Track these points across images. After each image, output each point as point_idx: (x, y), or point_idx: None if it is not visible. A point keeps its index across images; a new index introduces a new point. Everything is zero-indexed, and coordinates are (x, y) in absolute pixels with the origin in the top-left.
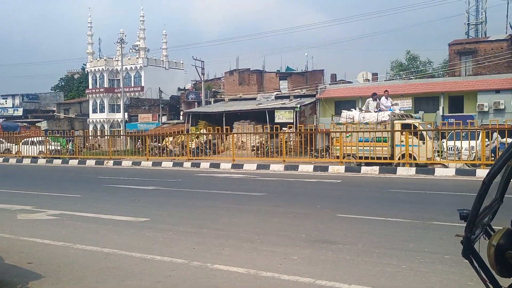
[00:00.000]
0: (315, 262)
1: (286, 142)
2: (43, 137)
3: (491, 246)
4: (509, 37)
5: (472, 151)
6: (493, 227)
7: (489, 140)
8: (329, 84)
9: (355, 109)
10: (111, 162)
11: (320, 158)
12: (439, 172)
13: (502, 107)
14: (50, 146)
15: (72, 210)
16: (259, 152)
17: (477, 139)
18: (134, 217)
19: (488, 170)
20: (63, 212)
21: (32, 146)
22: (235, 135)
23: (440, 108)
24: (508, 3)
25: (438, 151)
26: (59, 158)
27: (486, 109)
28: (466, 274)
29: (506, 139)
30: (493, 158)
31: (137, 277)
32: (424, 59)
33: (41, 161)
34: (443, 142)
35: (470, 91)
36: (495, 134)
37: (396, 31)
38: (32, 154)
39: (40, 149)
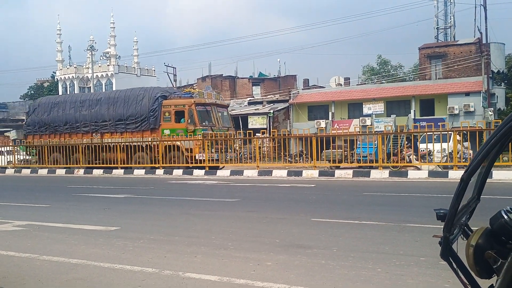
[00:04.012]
0: (290, 267)
1: (259, 147)
2: (11, 147)
3: (470, 246)
4: (477, 40)
5: (444, 153)
6: (471, 227)
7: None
8: (302, 89)
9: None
10: (81, 170)
11: (294, 163)
12: (412, 174)
13: (472, 109)
14: (19, 155)
15: (40, 221)
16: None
17: (449, 141)
18: (104, 226)
19: (464, 169)
20: (30, 222)
21: (0, 156)
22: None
23: (412, 111)
24: (475, 7)
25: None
26: (28, 167)
27: (456, 112)
28: (443, 276)
29: (461, 143)
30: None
31: None
32: (395, 63)
33: (10, 171)
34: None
35: (440, 94)
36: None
37: (367, 36)
38: (0, 164)
39: (9, 159)
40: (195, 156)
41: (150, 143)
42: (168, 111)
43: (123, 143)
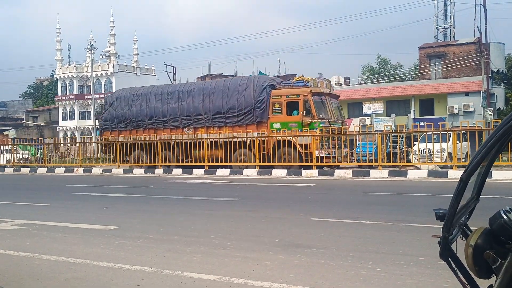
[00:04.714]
0: (289, 267)
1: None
2: (10, 145)
3: (469, 246)
4: (477, 40)
5: (444, 153)
6: (470, 227)
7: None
8: None
9: None
10: (81, 169)
11: (294, 162)
12: (412, 174)
13: (471, 109)
14: (18, 154)
15: (39, 220)
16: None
17: (448, 141)
18: (103, 226)
19: (464, 169)
20: (29, 221)
21: (0, 155)
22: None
23: (411, 111)
24: (475, 7)
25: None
26: (27, 166)
27: (456, 112)
28: (442, 276)
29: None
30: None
31: None
32: (395, 63)
33: (9, 170)
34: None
35: (440, 94)
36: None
37: (367, 35)
38: (0, 163)
39: (8, 158)
40: (308, 153)
41: (256, 138)
42: (279, 102)
43: (224, 139)
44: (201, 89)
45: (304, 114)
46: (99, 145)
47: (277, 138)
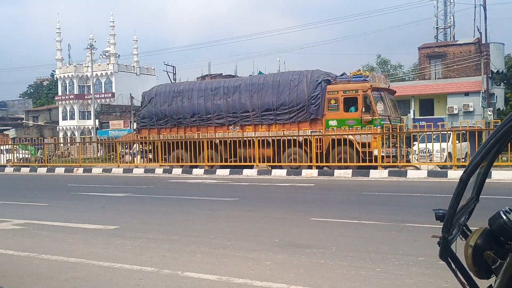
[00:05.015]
0: (289, 267)
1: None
2: (10, 145)
3: (469, 246)
4: (477, 40)
5: (443, 153)
6: (469, 227)
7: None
8: None
9: None
10: (81, 169)
11: (294, 162)
12: (411, 174)
13: (471, 109)
14: (18, 154)
15: (39, 219)
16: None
17: (448, 141)
18: (103, 225)
19: (464, 169)
20: (29, 221)
21: (0, 154)
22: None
23: (411, 111)
24: (475, 7)
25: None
26: (27, 166)
27: (456, 112)
28: (441, 276)
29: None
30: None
31: (104, 287)
32: (395, 63)
33: (9, 170)
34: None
35: (440, 94)
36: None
37: (367, 35)
38: (0, 163)
39: (8, 158)
40: (367, 152)
41: (313, 136)
42: (335, 98)
43: (277, 137)
44: (249, 85)
45: (363, 110)
46: (140, 144)
47: (337, 136)
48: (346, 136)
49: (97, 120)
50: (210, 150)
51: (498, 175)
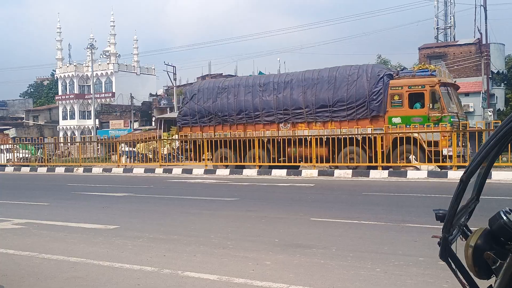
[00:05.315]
0: (289, 267)
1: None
2: (11, 145)
3: (469, 247)
4: (477, 41)
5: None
6: (470, 228)
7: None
8: None
9: None
10: (81, 169)
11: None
12: (412, 174)
13: (471, 109)
14: (18, 153)
15: (39, 219)
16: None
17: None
18: (104, 225)
19: (464, 169)
20: (29, 220)
21: (0, 154)
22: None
23: None
24: (476, 7)
25: None
26: (27, 165)
27: None
28: (441, 276)
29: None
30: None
31: (104, 287)
32: (395, 63)
33: (9, 169)
34: None
35: None
36: None
37: (367, 35)
38: (0, 162)
39: (8, 157)
40: (433, 152)
41: (378, 135)
42: (399, 94)
43: (339, 136)
44: (301, 80)
45: (431, 107)
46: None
47: (401, 134)
48: (413, 134)
49: (97, 120)
50: (257, 149)
51: (498, 175)
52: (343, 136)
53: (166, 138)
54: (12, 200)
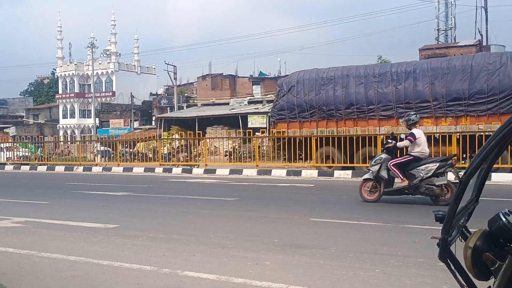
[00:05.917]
0: (288, 267)
1: (259, 147)
2: (11, 143)
3: (468, 248)
4: (478, 42)
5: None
6: (469, 229)
7: None
8: None
9: None
10: (81, 168)
11: (293, 162)
12: None
13: None
14: (18, 152)
15: (39, 217)
16: (232, 157)
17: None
18: (103, 224)
19: (464, 171)
20: (29, 219)
21: (0, 152)
22: (207, 140)
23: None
24: (476, 9)
25: None
26: (27, 164)
27: None
28: (440, 277)
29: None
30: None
31: (103, 286)
32: None
33: (9, 168)
34: None
35: None
36: None
37: (368, 36)
38: (0, 161)
39: (8, 156)
40: None
41: None
42: None
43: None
44: (427, 70)
45: None
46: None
47: None
48: None
49: (97, 119)
50: (369, 147)
51: (498, 177)
52: (484, 133)
53: (166, 138)
54: (11, 199)
